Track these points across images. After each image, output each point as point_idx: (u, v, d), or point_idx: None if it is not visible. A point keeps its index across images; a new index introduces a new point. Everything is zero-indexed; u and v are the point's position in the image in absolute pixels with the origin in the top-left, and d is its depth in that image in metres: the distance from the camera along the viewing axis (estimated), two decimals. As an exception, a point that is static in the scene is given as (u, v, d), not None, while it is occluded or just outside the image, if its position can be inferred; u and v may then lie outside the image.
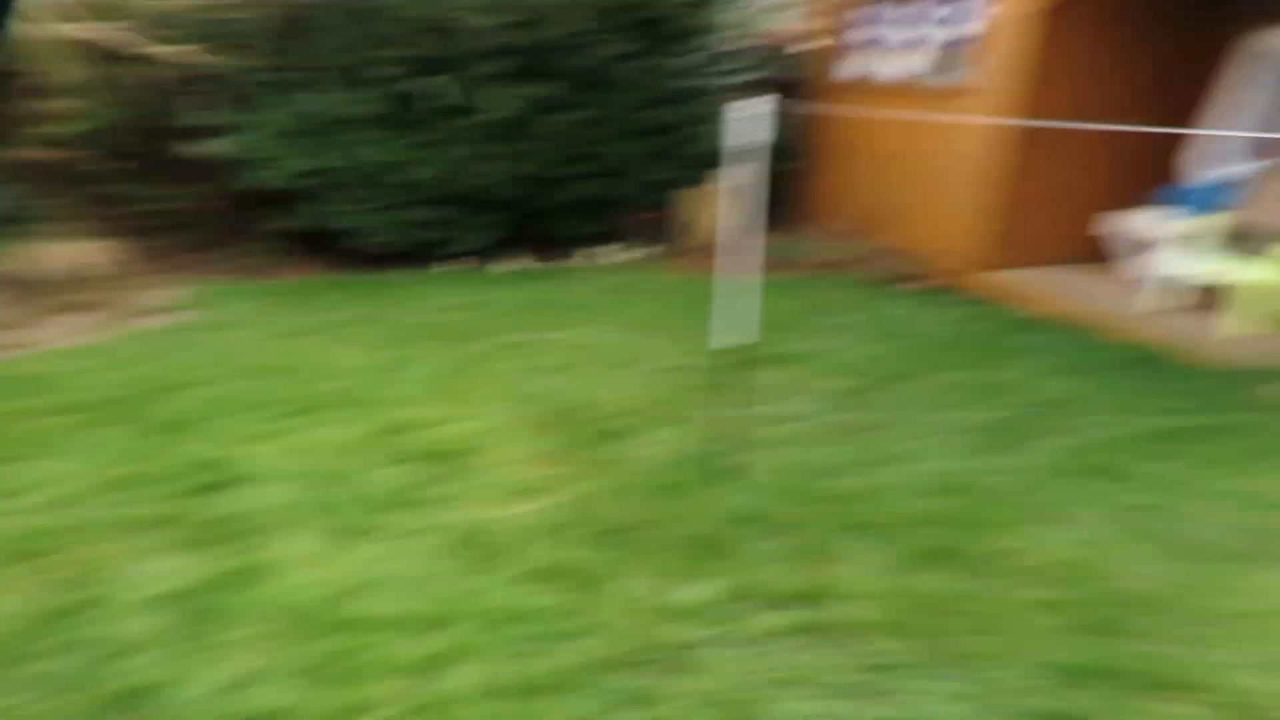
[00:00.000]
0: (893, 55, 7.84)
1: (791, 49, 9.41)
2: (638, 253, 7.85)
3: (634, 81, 7.49)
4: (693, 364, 5.10)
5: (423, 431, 4.10)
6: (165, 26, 6.77)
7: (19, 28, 6.38)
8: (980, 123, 6.87)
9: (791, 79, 9.04)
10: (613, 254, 7.75)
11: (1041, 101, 6.63)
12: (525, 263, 7.48)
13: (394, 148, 6.94)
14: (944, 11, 7.22)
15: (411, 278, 6.99)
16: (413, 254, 7.27)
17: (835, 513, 3.46)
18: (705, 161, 8.09)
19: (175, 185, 7.29)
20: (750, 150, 3.54)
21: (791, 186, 8.78)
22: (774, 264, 7.31)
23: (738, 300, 3.79)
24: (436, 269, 7.25)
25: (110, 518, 3.26)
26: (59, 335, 5.54)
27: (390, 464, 3.76)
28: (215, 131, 6.94)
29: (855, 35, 8.31)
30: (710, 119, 8.11)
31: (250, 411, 4.30)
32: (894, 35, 7.80)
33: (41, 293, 6.12)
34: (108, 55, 6.77)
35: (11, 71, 6.71)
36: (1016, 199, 6.89)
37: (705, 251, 7.96)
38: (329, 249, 7.32)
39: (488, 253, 7.48)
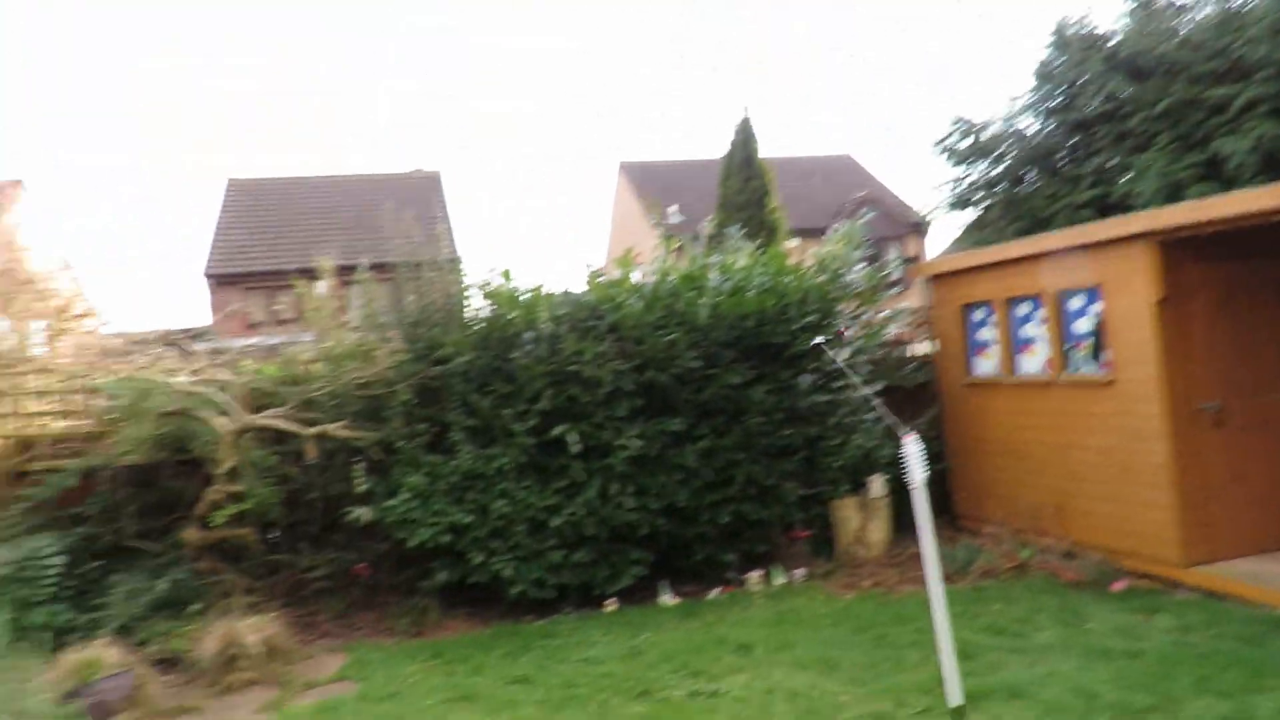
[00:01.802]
0: (1024, 352, 7.84)
1: (916, 353, 9.58)
2: (790, 576, 7.50)
3: (761, 404, 7.63)
4: (887, 712, 4.59)
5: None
6: (311, 409, 7.43)
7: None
8: (1132, 411, 6.62)
9: (919, 383, 9.10)
10: (764, 580, 7.43)
11: (1191, 383, 6.40)
12: (674, 598, 7.21)
13: (529, 497, 7.11)
14: (1070, 306, 7.28)
15: (559, 627, 6.79)
16: (557, 601, 7.14)
17: None
18: (850, 473, 7.97)
19: (328, 552, 7.59)
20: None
21: (936, 492, 8.48)
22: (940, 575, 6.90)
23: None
24: (585, 614, 7.04)
25: None
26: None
27: None
28: (360, 499, 7.36)
29: (982, 335, 8.41)
30: (846, 430, 8.13)
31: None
32: (1023, 332, 7.85)
33: (207, 674, 6.15)
34: (264, 438, 7.40)
35: (196, 461, 7.37)
36: (1205, 483, 6.40)
37: (861, 569, 7.57)
38: (475, 601, 7.27)
39: (633, 592, 7.28)
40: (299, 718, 5.38)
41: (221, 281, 22.01)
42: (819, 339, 7.87)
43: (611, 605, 7.14)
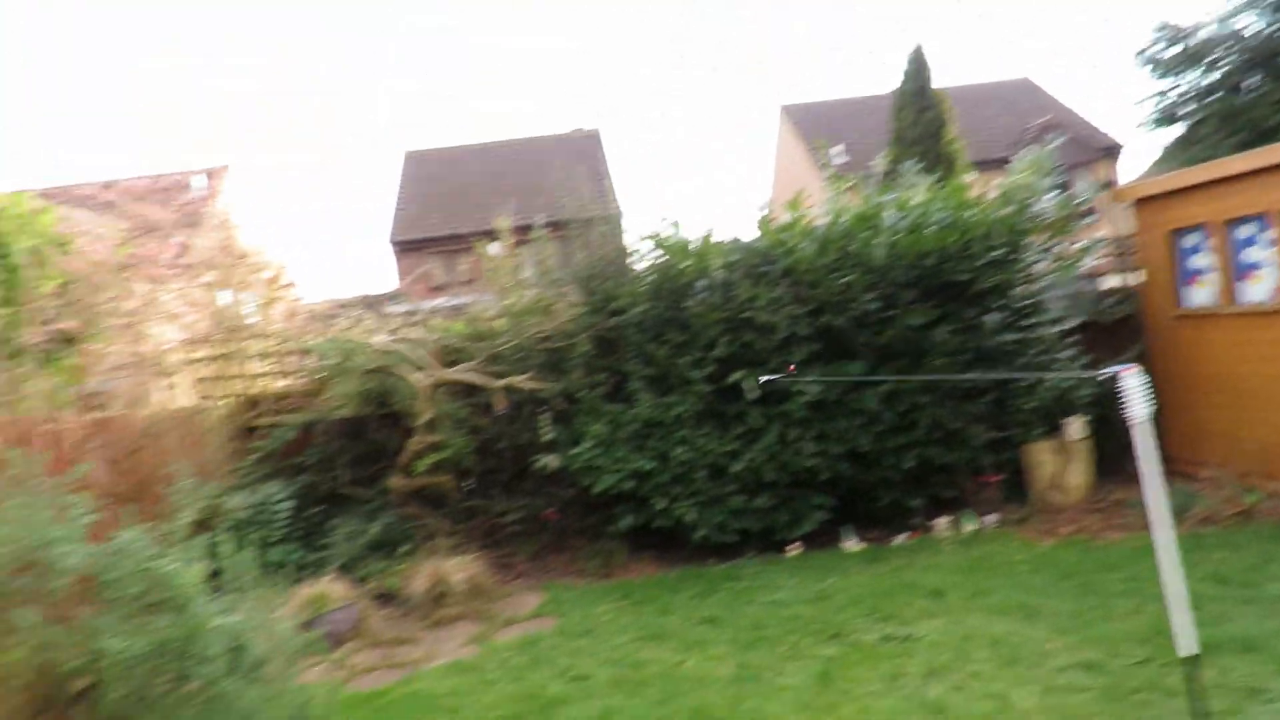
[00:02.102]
0: (1247, 278, 7.09)
1: (1115, 285, 8.88)
2: (981, 522, 7.22)
3: (945, 346, 7.31)
4: (1100, 661, 4.36)
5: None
6: (497, 362, 7.78)
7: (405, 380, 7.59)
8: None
9: (1119, 318, 8.44)
10: (952, 526, 7.19)
11: None
12: (858, 544, 7.11)
13: (708, 443, 7.17)
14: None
15: (743, 570, 6.86)
16: (740, 545, 7.21)
17: None
18: (1043, 415, 7.54)
19: (519, 497, 8.00)
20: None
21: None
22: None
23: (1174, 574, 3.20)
24: (768, 559, 7.08)
25: None
26: (438, 651, 5.91)
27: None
28: (546, 448, 7.68)
29: (1195, 263, 7.67)
30: (1039, 369, 7.67)
31: (622, 735, 4.18)
32: (1245, 257, 7.10)
33: (418, 610, 6.66)
34: (455, 392, 7.83)
35: (397, 414, 7.93)
36: None
37: (1059, 515, 7.18)
38: (667, 545, 7.46)
39: (816, 537, 7.24)
40: (503, 650, 5.74)
41: (405, 248, 23.35)
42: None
43: (794, 550, 7.13)
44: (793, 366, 6.94)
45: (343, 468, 8.17)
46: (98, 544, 3.89)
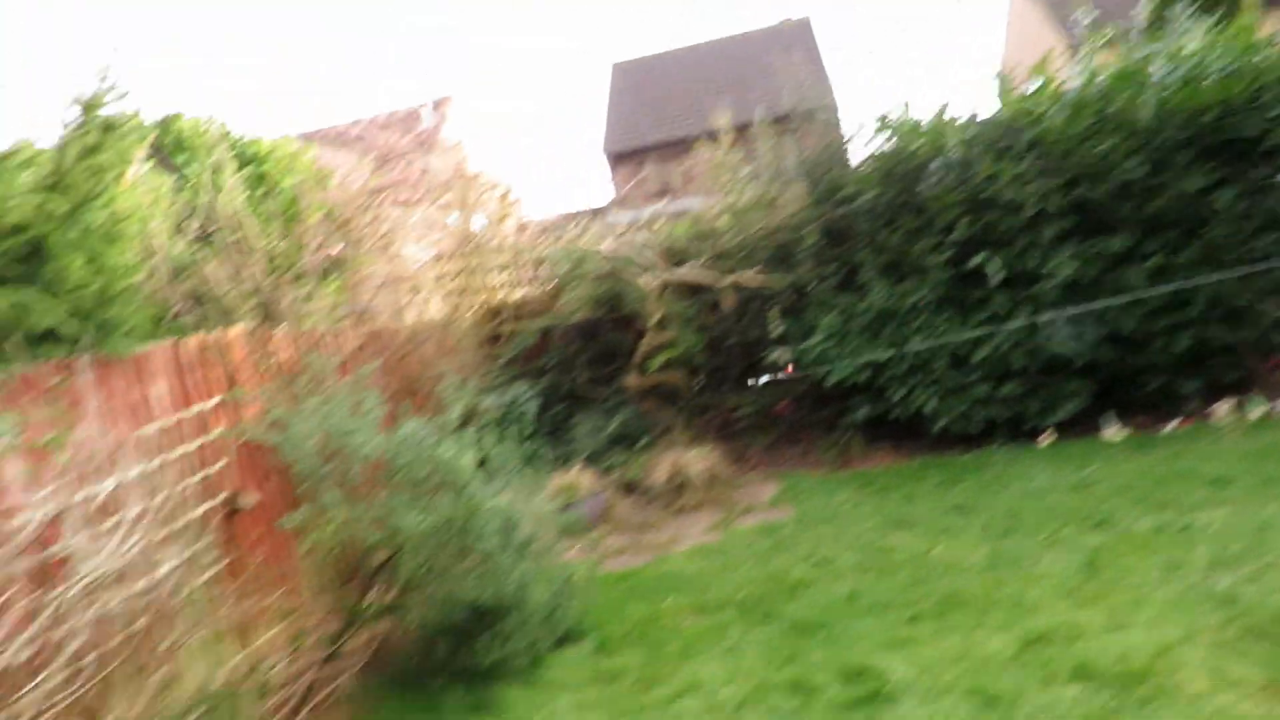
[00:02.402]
0: None
1: None
2: (1271, 407, 6.43)
3: (1228, 211, 6.44)
4: None
5: (1072, 644, 3.55)
6: (722, 260, 7.75)
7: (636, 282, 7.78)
8: None
9: None
10: (1235, 411, 6.45)
11: None
12: (1121, 431, 6.57)
13: (949, 331, 6.82)
14: None
15: (1000, 457, 6.56)
16: (985, 434, 6.88)
17: None
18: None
19: (750, 392, 8.07)
20: None
21: None
22: None
23: None
24: (1017, 448, 6.71)
25: (775, 730, 3.28)
26: (681, 537, 6.17)
27: (1050, 683, 3.28)
28: (776, 342, 7.63)
29: None
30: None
31: (874, 615, 4.19)
32: None
33: (659, 500, 6.97)
34: (682, 292, 7.92)
35: (628, 317, 8.18)
36: None
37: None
38: (907, 434, 7.29)
39: (1071, 425, 6.75)
40: (745, 536, 5.89)
41: (620, 159, 23.70)
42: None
43: (1047, 439, 6.71)
44: (790, 367, 6.57)
45: (581, 368, 8.60)
46: (386, 434, 4.36)
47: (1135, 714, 2.98)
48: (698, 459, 7.11)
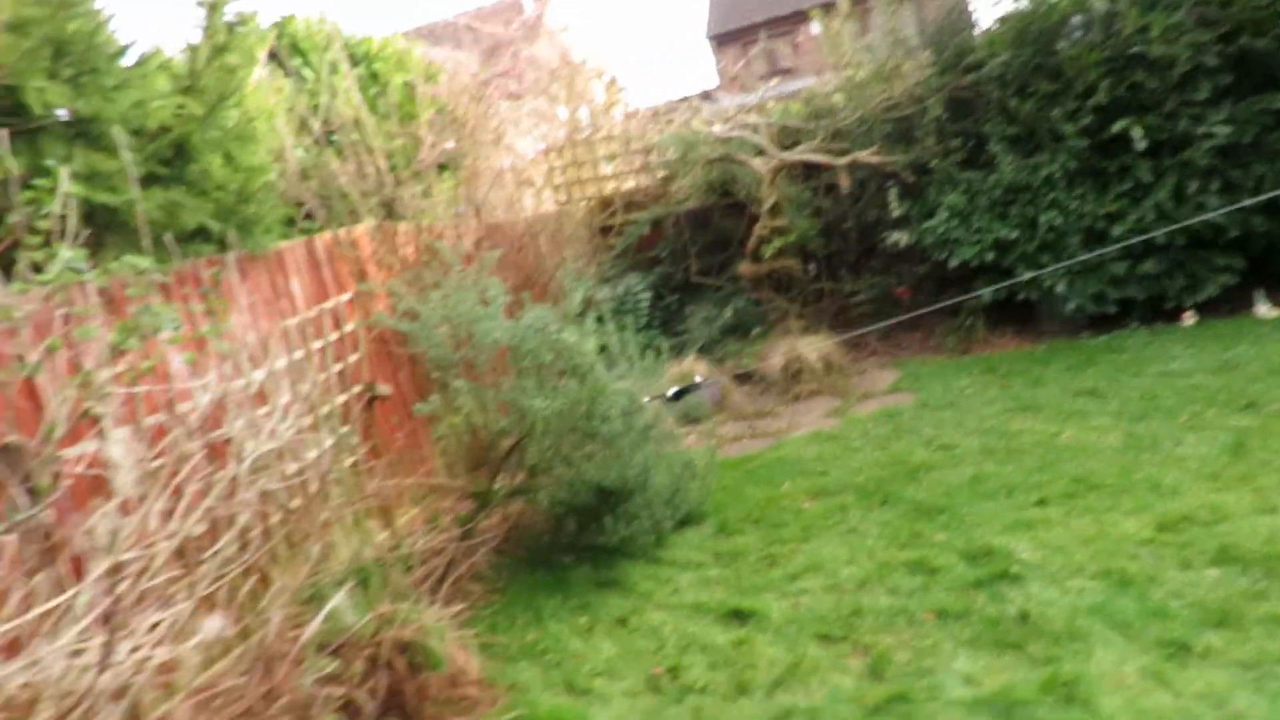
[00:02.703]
0: None
1: None
2: None
3: None
4: None
5: (1212, 527, 3.42)
6: (838, 139, 7.42)
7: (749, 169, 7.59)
8: None
9: None
10: None
11: None
12: (1274, 309, 6.11)
13: (1083, 205, 6.40)
14: None
15: (1135, 338, 6.24)
16: (1121, 315, 6.51)
17: None
18: None
19: (870, 277, 7.86)
20: None
21: None
22: None
23: None
24: (1156, 329, 6.35)
25: (899, 606, 3.33)
26: (798, 423, 6.19)
27: (1185, 567, 3.19)
28: (895, 224, 7.34)
29: None
30: None
31: (998, 498, 4.13)
32: None
33: (775, 387, 6.97)
34: (796, 174, 7.67)
35: (741, 203, 8.02)
36: None
37: None
38: (1032, 317, 7.00)
39: (1217, 304, 6.31)
40: (864, 421, 5.85)
41: (724, 39, 22.82)
42: None
43: (1189, 318, 6.31)
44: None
45: (693, 258, 8.55)
46: (511, 321, 4.47)
47: (1265, 599, 2.87)
48: (813, 346, 7.03)
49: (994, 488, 4.27)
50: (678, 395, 6.57)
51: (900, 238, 7.30)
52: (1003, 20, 6.81)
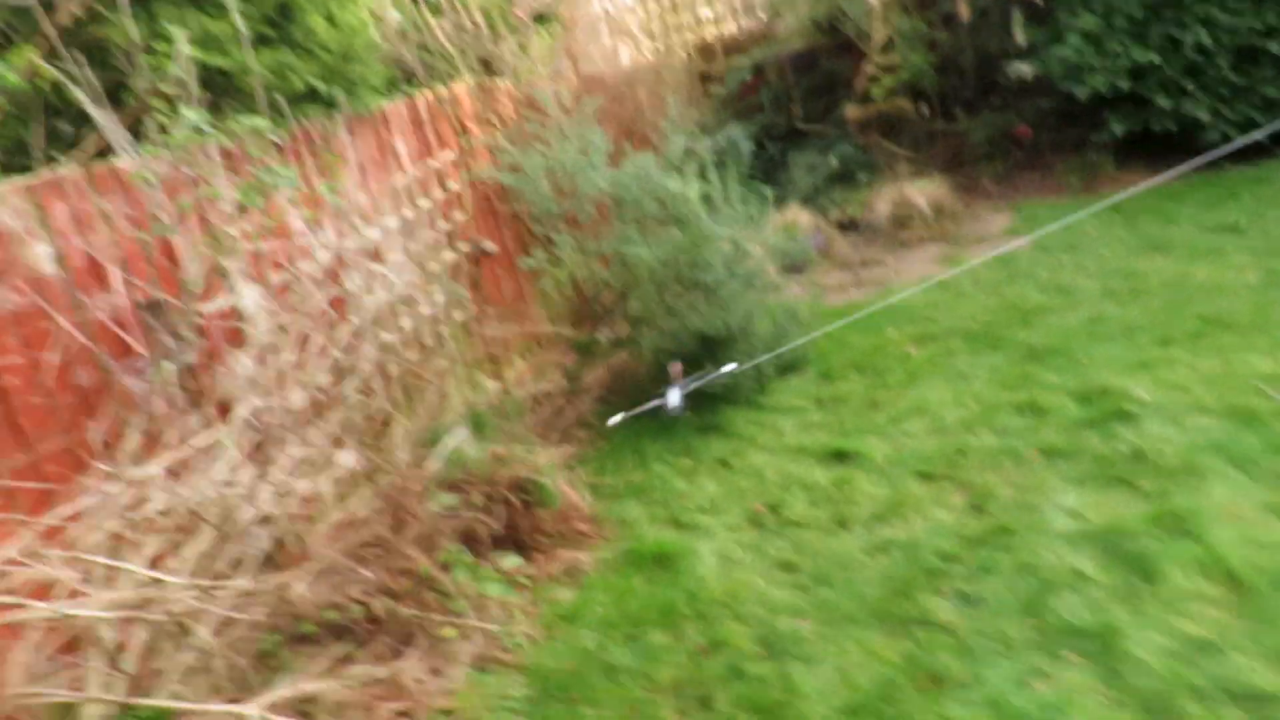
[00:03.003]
0: None
1: None
2: None
3: None
4: None
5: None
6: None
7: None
8: None
9: None
10: None
11: None
12: None
13: (1237, 19, 5.74)
14: None
15: (1269, 173, 5.73)
16: (1271, 145, 5.93)
17: None
18: None
19: (985, 114, 7.39)
20: None
21: None
22: None
23: None
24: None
25: (1005, 445, 3.32)
26: (906, 270, 6.03)
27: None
28: (1019, 54, 6.79)
29: None
30: None
31: (1117, 339, 3.99)
32: None
33: (882, 234, 6.77)
34: (911, 4, 7.12)
35: (848, 41, 7.57)
36: None
37: None
38: (1160, 152, 6.48)
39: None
40: (976, 267, 5.65)
41: None
42: None
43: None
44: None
45: (797, 103, 8.21)
46: (613, 171, 4.46)
47: None
48: (924, 191, 6.75)
49: (1113, 330, 4.11)
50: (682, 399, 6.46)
51: (1024, 69, 6.77)
52: None
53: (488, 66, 6.34)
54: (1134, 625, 2.28)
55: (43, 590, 2.02)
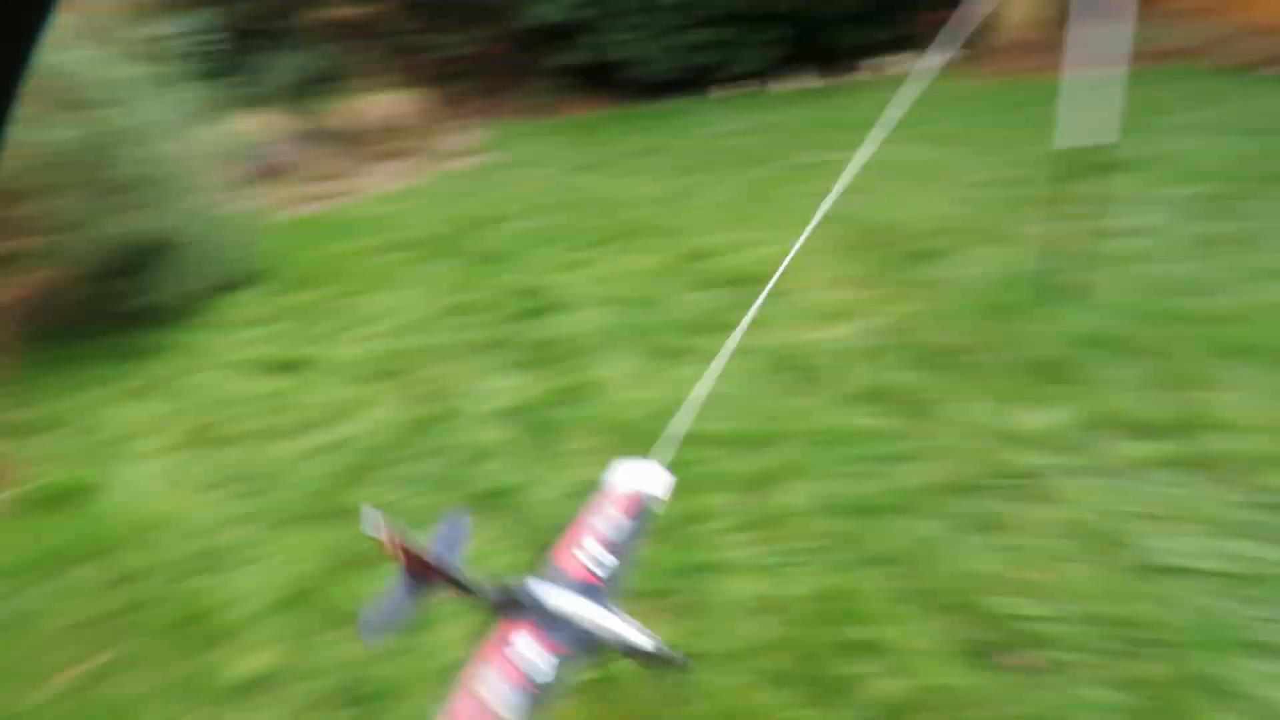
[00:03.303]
0: None
1: None
2: (932, 59, 7.04)
3: None
4: (1012, 176, 4.58)
5: (722, 257, 4.02)
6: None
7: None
8: None
9: None
10: (904, 63, 7.02)
11: None
12: (809, 80, 7.00)
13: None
14: None
15: (692, 105, 6.82)
16: (693, 80, 7.05)
17: (1203, 334, 2.98)
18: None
19: (465, 31, 7.58)
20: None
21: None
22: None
23: (1085, 96, 3.23)
24: (717, 94, 6.99)
25: (452, 341, 3.54)
26: (379, 181, 6.02)
27: (695, 289, 3.75)
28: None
29: None
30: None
31: (556, 243, 4.45)
32: None
33: (357, 143, 6.65)
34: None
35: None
36: None
37: (1010, 52, 7.02)
38: (611, 82, 7.29)
39: (769, 73, 7.08)
40: (445, 180, 5.87)
41: None
42: None
43: (751, 85, 7.00)
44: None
45: (272, -2, 7.57)
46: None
47: (767, 304, 3.50)
48: (398, 102, 6.76)
49: (555, 235, 4.57)
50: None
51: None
52: None
53: None
54: (539, 481, 2.62)
55: None
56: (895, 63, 7.00)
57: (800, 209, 4.41)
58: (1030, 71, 6.57)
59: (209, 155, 4.41)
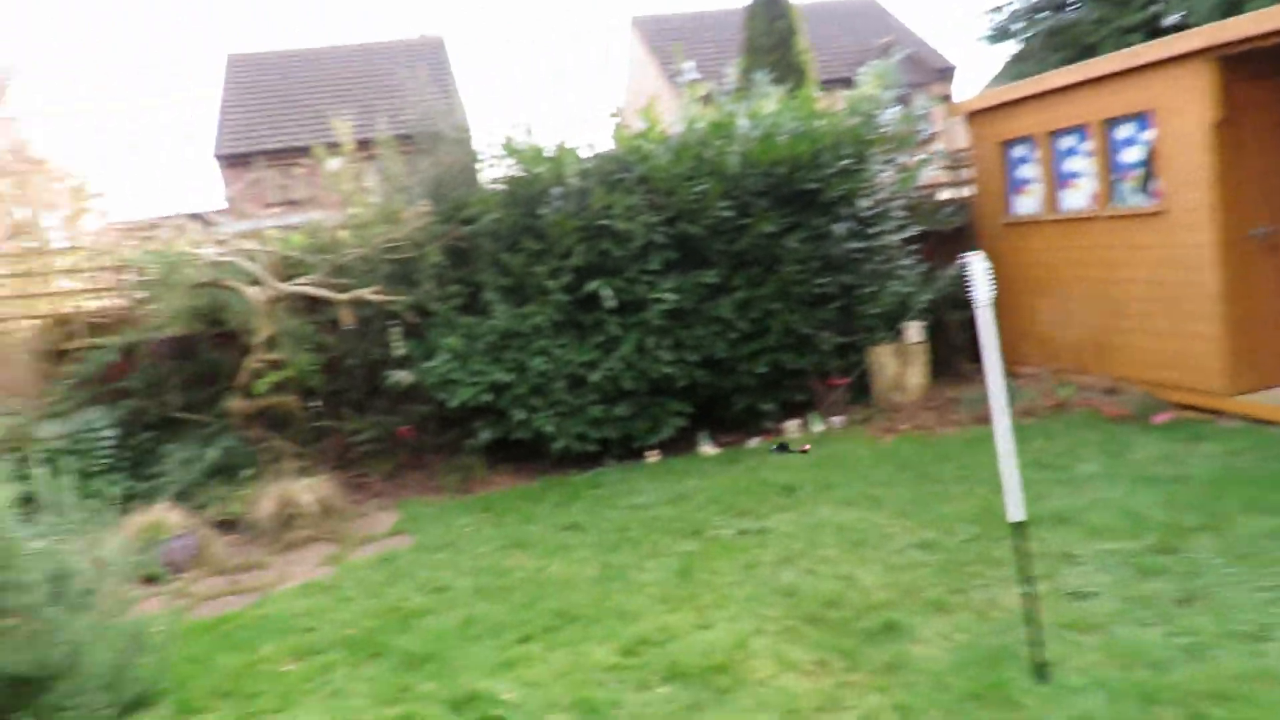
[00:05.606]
0: (1068, 187, 7.58)
1: (947, 197, 9.34)
2: (828, 423, 7.55)
3: (796, 253, 7.50)
4: (935, 539, 4.69)
5: (668, 645, 3.82)
6: (342, 275, 7.37)
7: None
8: (1182, 241, 6.44)
9: (955, 227, 8.91)
10: (802, 428, 7.48)
11: (1242, 210, 6.23)
12: (715, 448, 7.30)
13: (567, 353, 7.11)
14: (1118, 136, 6.98)
15: (604, 478, 6.91)
16: (600, 454, 7.24)
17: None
18: (886, 320, 7.90)
19: (372, 416, 7.69)
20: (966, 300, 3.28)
21: (970, 336, 8.40)
22: (977, 416, 6.91)
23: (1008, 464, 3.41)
24: (628, 466, 7.15)
25: (379, 776, 3.09)
26: (291, 571, 5.68)
27: (648, 687, 3.48)
28: (398, 363, 7.40)
29: (1022, 173, 8.13)
30: (882, 277, 8.01)
31: (488, 638, 4.16)
32: (1066, 167, 7.57)
33: (265, 534, 6.35)
34: (298, 307, 7.38)
35: (233, 333, 7.40)
36: (1253, 312, 6.30)
37: (905, 410, 7.60)
38: (520, 458, 7.40)
39: (674, 443, 7.36)
40: (360, 569, 5.57)
41: (232, 162, 21.59)
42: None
43: (654, 456, 7.24)
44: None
45: (173, 391, 7.61)
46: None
47: (717, 705, 3.26)
48: (310, 489, 6.60)
49: (483, 629, 4.29)
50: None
51: (403, 377, 7.31)
52: (495, 183, 7.43)
53: None
54: None
55: None
56: (796, 428, 7.43)
57: (742, 585, 4.37)
58: (925, 430, 7.08)
59: (107, 562, 4.06)
